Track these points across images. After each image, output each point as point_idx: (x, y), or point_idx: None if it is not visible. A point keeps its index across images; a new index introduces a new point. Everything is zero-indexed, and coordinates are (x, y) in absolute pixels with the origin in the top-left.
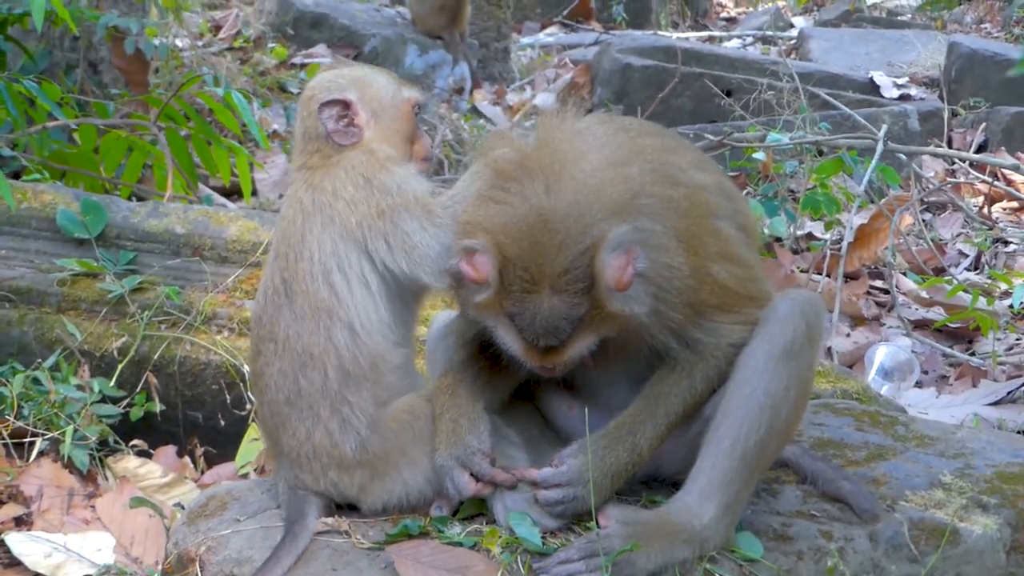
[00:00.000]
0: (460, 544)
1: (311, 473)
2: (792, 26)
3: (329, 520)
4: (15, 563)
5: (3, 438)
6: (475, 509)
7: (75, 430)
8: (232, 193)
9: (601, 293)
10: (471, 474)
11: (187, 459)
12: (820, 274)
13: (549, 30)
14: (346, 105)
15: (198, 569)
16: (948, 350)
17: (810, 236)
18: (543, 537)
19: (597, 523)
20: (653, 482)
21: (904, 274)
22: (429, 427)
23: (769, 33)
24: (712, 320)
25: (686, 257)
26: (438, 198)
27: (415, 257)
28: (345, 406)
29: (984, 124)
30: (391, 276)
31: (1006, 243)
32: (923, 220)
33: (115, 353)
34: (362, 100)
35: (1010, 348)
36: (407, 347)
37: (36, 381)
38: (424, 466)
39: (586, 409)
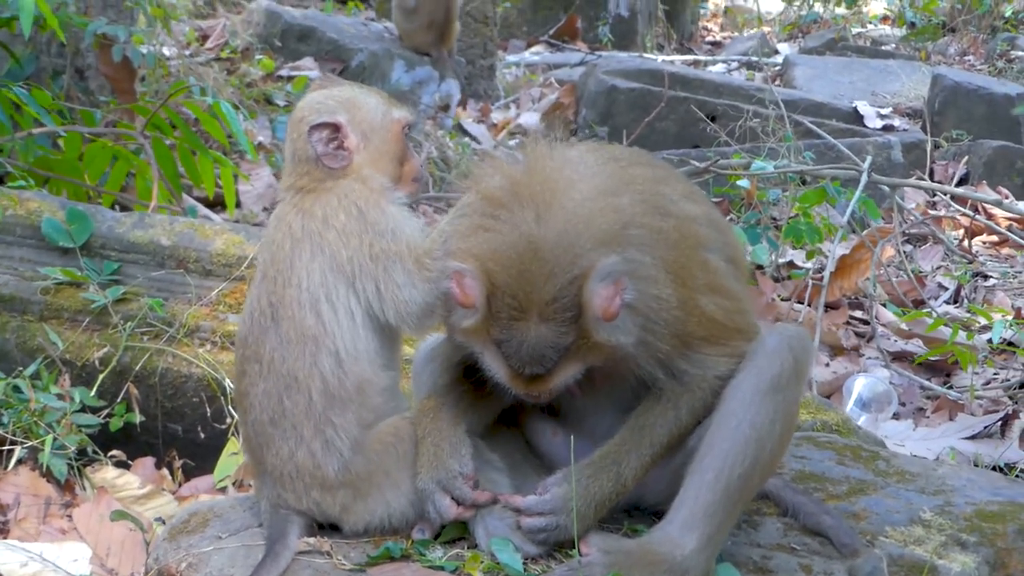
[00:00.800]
0: (441, 568)
1: (294, 492)
2: (777, 52)
3: (311, 540)
4: None
5: None
6: (457, 533)
7: (54, 439)
8: (216, 204)
9: (588, 323)
10: (452, 498)
11: (165, 471)
12: (801, 303)
13: (535, 49)
14: (336, 128)
15: None
16: (926, 383)
17: (791, 264)
18: (524, 563)
19: (579, 551)
20: (635, 511)
21: (884, 305)
22: (413, 450)
23: (754, 59)
24: (699, 352)
25: (674, 288)
26: (427, 239)
27: (402, 310)
28: (329, 427)
29: (966, 157)
30: (375, 314)
31: (986, 277)
32: (904, 252)
33: (96, 363)
34: (352, 122)
35: (988, 382)
36: (393, 370)
37: (16, 389)
38: (407, 488)
39: (571, 437)
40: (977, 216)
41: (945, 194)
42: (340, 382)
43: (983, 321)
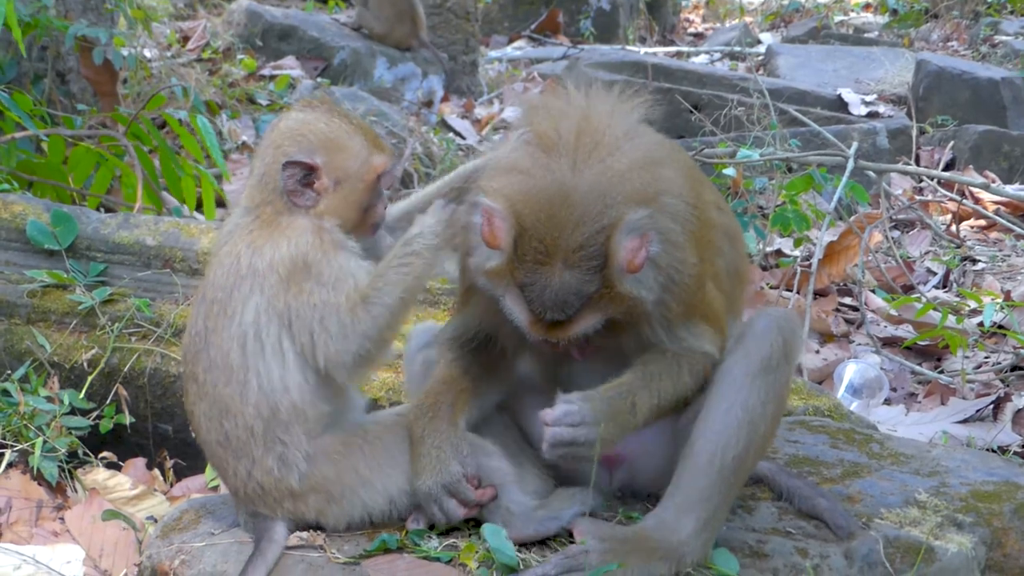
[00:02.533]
0: (437, 559)
1: (267, 506)
2: (759, 42)
3: (303, 535)
4: None
5: None
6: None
7: (44, 442)
8: (198, 208)
9: (613, 273)
10: (457, 500)
11: (156, 471)
12: (790, 291)
13: (517, 44)
14: (311, 169)
15: None
16: (917, 368)
17: (779, 253)
18: (519, 551)
19: (575, 538)
20: (629, 497)
21: (873, 291)
22: (385, 450)
23: (737, 49)
24: (699, 325)
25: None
26: (366, 283)
27: (333, 360)
28: (278, 445)
29: (952, 142)
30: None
31: (974, 261)
32: (892, 238)
33: (85, 365)
34: (328, 166)
35: (979, 366)
36: (339, 391)
37: (5, 392)
38: (384, 487)
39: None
40: (964, 200)
41: (932, 179)
42: (273, 411)
43: (972, 305)
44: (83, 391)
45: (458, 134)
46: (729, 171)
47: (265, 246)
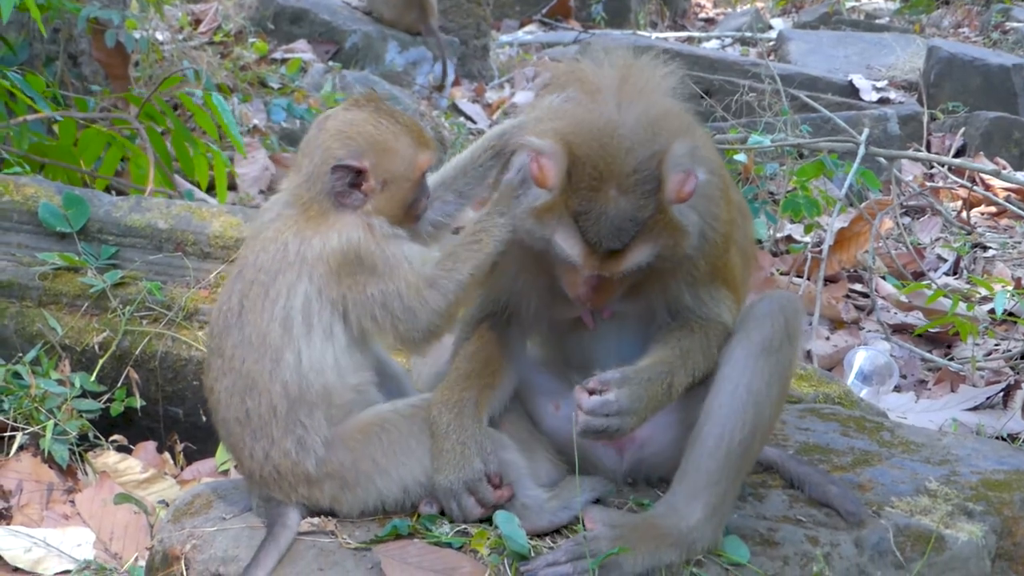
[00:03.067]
0: (448, 545)
1: (280, 490)
2: (771, 28)
3: (315, 520)
4: None
5: None
6: None
7: (55, 425)
8: (210, 189)
9: (664, 198)
10: (476, 499)
11: (167, 455)
12: (800, 277)
13: (528, 28)
14: (359, 172)
15: (183, 567)
16: (927, 355)
17: (790, 239)
18: (530, 538)
19: (584, 526)
20: (641, 484)
21: (883, 278)
22: (402, 439)
23: (748, 34)
24: (720, 290)
25: (724, 221)
26: (428, 266)
27: (406, 338)
28: (299, 427)
29: (963, 128)
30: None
31: (984, 248)
32: (902, 224)
33: (96, 348)
34: (376, 168)
35: (989, 353)
36: (366, 371)
37: (17, 375)
38: (399, 476)
39: (573, 413)
40: (975, 187)
41: (943, 165)
42: (302, 390)
43: (983, 292)
44: (94, 374)
45: (469, 118)
46: (740, 157)
47: (314, 238)
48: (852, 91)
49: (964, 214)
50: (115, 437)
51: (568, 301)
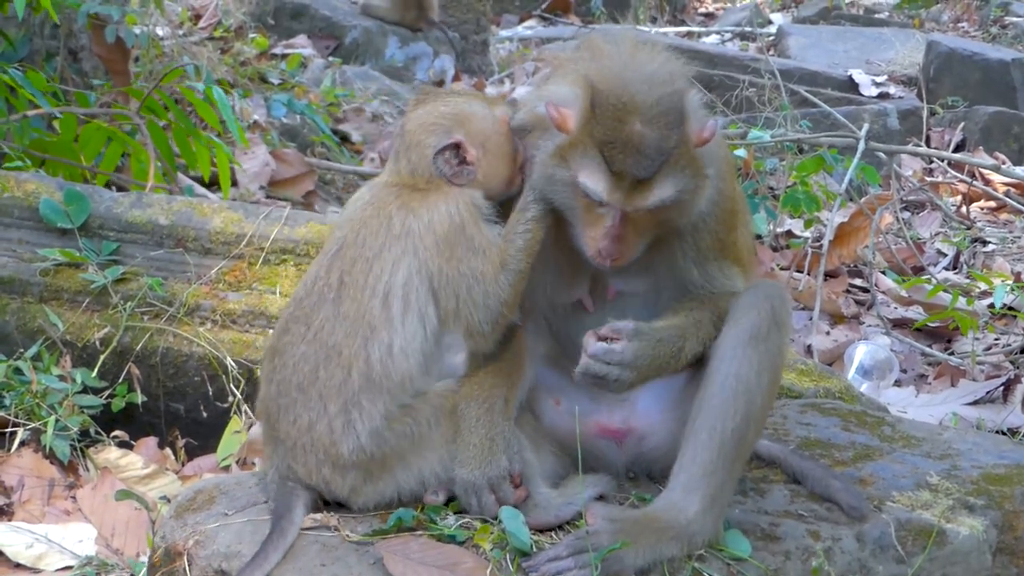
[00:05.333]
0: (452, 539)
1: (304, 466)
2: (770, 23)
3: (318, 516)
4: None
5: None
6: None
7: (56, 420)
8: (212, 184)
9: (688, 133)
10: (496, 497)
11: (168, 451)
12: (800, 272)
13: (528, 23)
14: (457, 147)
15: (186, 563)
16: (927, 349)
17: (790, 234)
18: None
19: (586, 521)
20: (643, 478)
21: (883, 273)
22: (427, 431)
23: (748, 29)
24: (729, 267)
25: (728, 200)
26: (501, 247)
27: (473, 328)
28: (356, 409)
29: (962, 123)
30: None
31: (984, 243)
32: (902, 219)
33: (97, 344)
34: (468, 136)
35: (989, 348)
36: (432, 376)
37: (18, 371)
38: (419, 468)
39: (576, 408)
40: (975, 182)
41: (942, 160)
42: (385, 370)
43: (982, 287)
44: (95, 370)
45: None
46: (740, 152)
47: (421, 208)
48: (852, 86)
49: (964, 209)
50: (116, 433)
51: (572, 279)
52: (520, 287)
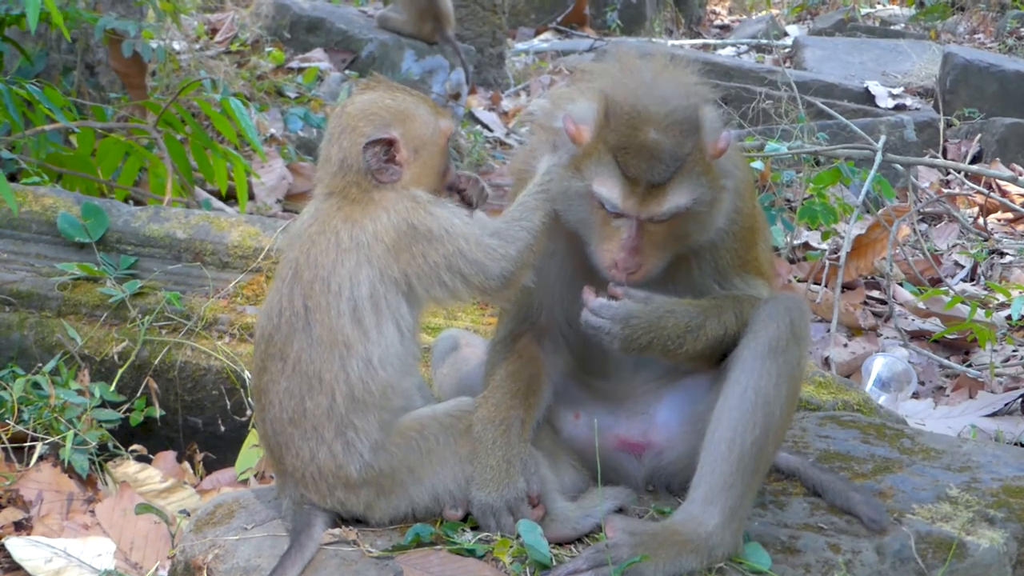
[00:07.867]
0: (471, 552)
1: (317, 492)
2: (786, 34)
3: (336, 531)
4: (15, 568)
5: (3, 442)
6: None
7: (75, 435)
8: (229, 198)
9: (703, 141)
10: (515, 518)
11: (186, 464)
12: (818, 284)
13: (543, 36)
14: (390, 143)
15: None
16: (945, 361)
17: (807, 246)
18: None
19: (606, 534)
20: (662, 491)
21: (901, 285)
22: (439, 448)
23: (764, 41)
24: (754, 279)
25: (746, 216)
26: (492, 220)
27: (484, 288)
28: (350, 430)
29: (979, 135)
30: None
31: (1002, 254)
32: (919, 231)
33: (115, 358)
34: (404, 137)
35: (1007, 360)
36: (416, 373)
37: (36, 385)
38: (432, 485)
39: (595, 420)
40: (991, 193)
41: (959, 172)
42: (366, 386)
43: (1000, 298)
44: (113, 384)
45: (486, 127)
46: (757, 164)
47: (364, 219)
48: (868, 98)
49: (981, 220)
50: (135, 447)
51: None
52: (534, 244)
